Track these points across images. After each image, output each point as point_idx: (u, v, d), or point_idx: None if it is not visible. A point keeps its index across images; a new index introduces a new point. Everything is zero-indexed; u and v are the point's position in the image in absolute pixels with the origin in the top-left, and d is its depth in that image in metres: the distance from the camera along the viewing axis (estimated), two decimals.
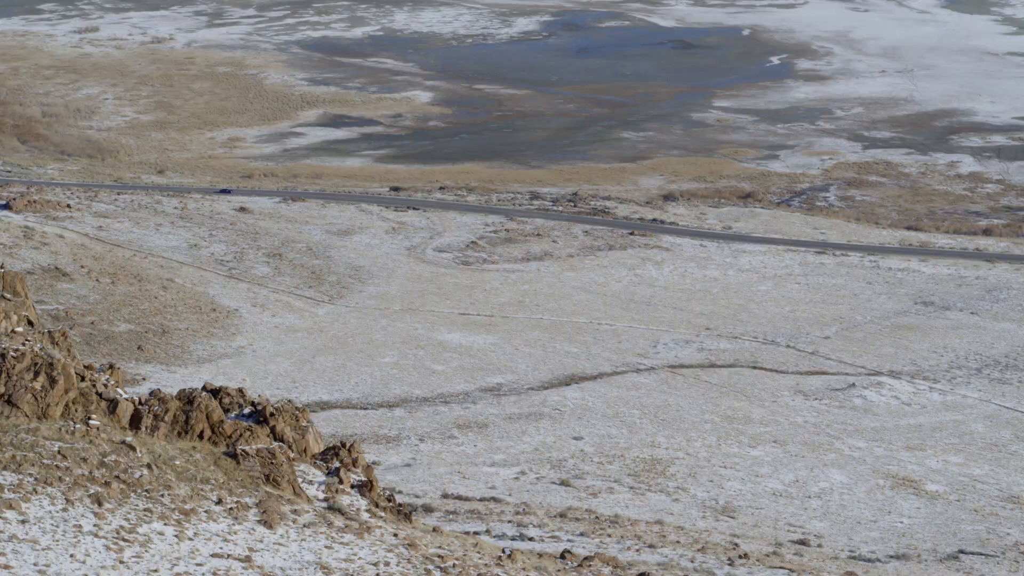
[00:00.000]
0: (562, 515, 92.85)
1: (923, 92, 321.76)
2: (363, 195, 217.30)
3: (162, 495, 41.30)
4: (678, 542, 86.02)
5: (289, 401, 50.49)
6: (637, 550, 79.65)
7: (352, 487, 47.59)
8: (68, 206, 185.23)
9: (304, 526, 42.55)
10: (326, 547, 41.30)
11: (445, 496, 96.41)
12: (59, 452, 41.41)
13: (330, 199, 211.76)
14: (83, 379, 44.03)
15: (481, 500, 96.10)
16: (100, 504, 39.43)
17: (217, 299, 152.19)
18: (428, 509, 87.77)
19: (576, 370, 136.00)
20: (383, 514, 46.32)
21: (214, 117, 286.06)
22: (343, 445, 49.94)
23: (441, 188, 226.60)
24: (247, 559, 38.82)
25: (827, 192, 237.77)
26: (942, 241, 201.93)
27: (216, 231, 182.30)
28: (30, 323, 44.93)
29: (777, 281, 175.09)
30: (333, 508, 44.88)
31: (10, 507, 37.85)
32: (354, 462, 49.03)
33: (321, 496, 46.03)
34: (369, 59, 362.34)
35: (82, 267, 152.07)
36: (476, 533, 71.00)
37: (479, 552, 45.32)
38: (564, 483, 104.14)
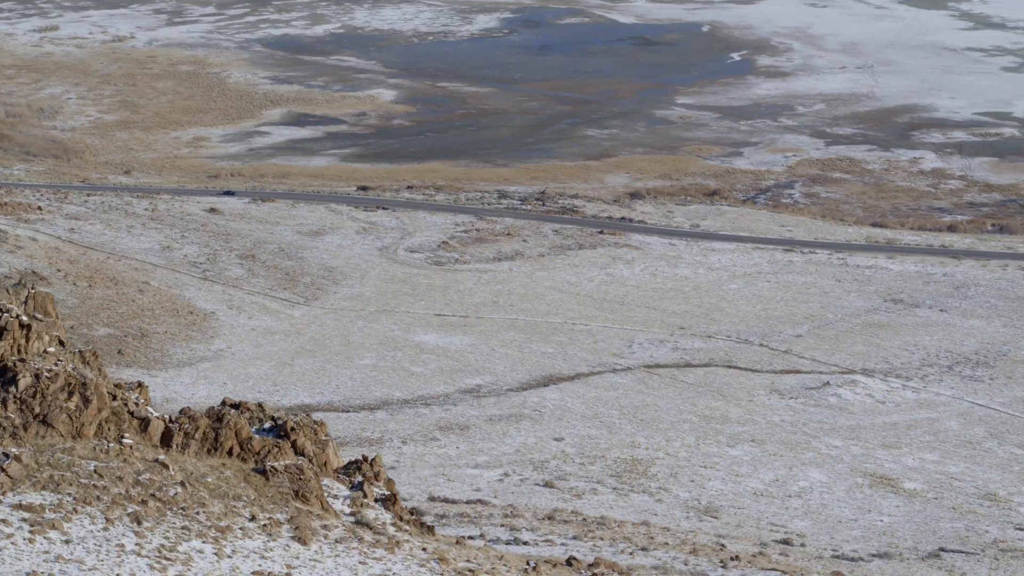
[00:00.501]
0: (550, 517, 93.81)
1: (883, 88, 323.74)
2: (332, 195, 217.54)
3: (197, 512, 42.06)
4: (666, 543, 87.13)
5: (307, 415, 51.23)
6: (630, 553, 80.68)
7: (376, 501, 48.42)
8: (39, 208, 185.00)
9: (336, 541, 43.36)
10: (360, 563, 42.13)
11: (432, 499, 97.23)
12: (95, 471, 42.13)
13: (299, 199, 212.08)
14: (114, 398, 44.71)
15: (468, 503, 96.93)
16: (139, 523, 40.21)
17: (193, 302, 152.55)
18: (417, 513, 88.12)
19: (553, 371, 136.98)
20: (408, 527, 47.17)
21: (178, 116, 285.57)
22: (365, 459, 50.75)
23: (409, 187, 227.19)
24: None
25: (792, 189, 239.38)
26: (908, 238, 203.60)
27: (188, 233, 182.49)
28: (61, 343, 45.60)
29: (747, 279, 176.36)
30: (361, 523, 45.69)
31: (53, 527, 38.60)
32: (376, 475, 49.83)
33: (347, 511, 46.84)
34: (331, 57, 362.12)
35: (59, 271, 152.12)
36: (471, 538, 71.94)
37: (506, 565, 46.21)
38: (548, 484, 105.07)
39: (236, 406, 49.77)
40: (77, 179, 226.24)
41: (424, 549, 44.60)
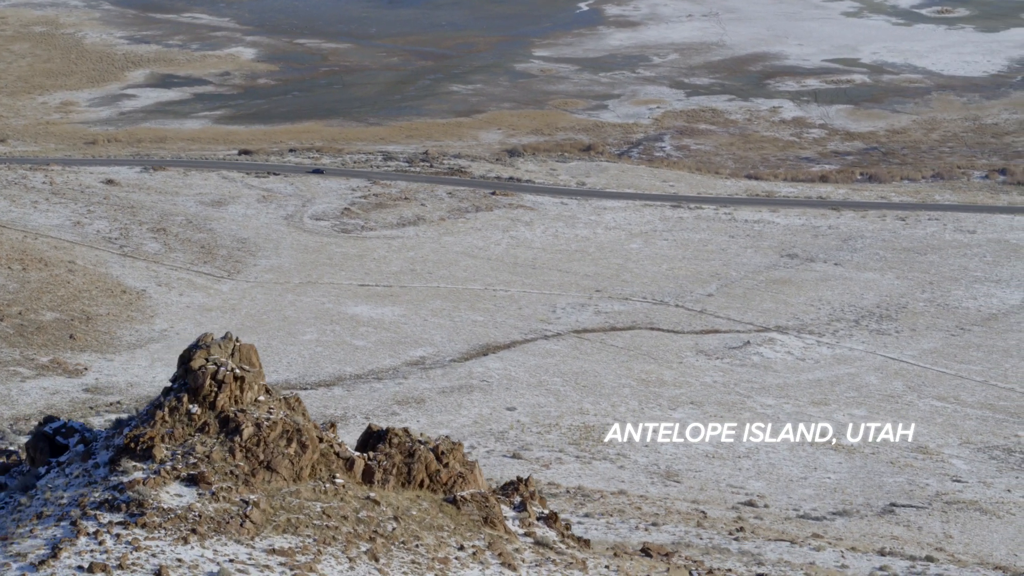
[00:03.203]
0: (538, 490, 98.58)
1: (732, 36, 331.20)
2: (222, 162, 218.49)
3: (416, 546, 46.35)
4: (656, 514, 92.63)
5: (446, 437, 55.19)
6: (645, 529, 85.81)
7: (538, 519, 52.88)
8: None
9: (537, 565, 47.85)
10: None
11: None
12: (323, 512, 46.23)
13: (190, 166, 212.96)
14: (321, 440, 48.60)
15: None
16: (376, 560, 44.53)
17: (122, 280, 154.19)
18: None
19: (489, 339, 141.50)
20: (573, 544, 51.78)
21: (40, 80, 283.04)
22: (519, 480, 55.13)
23: (292, 150, 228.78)
24: None
25: (662, 142, 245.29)
26: (785, 189, 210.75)
27: (93, 207, 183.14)
28: (267, 391, 49.30)
29: (645, 238, 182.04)
30: (540, 543, 50.16)
31: (311, 569, 42.61)
32: (531, 495, 54.25)
33: (521, 531, 51.21)
34: (183, 14, 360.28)
35: None
36: None
37: None
38: (515, 456, 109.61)
39: (383, 432, 53.52)
40: None
41: (607, 567, 49.32)
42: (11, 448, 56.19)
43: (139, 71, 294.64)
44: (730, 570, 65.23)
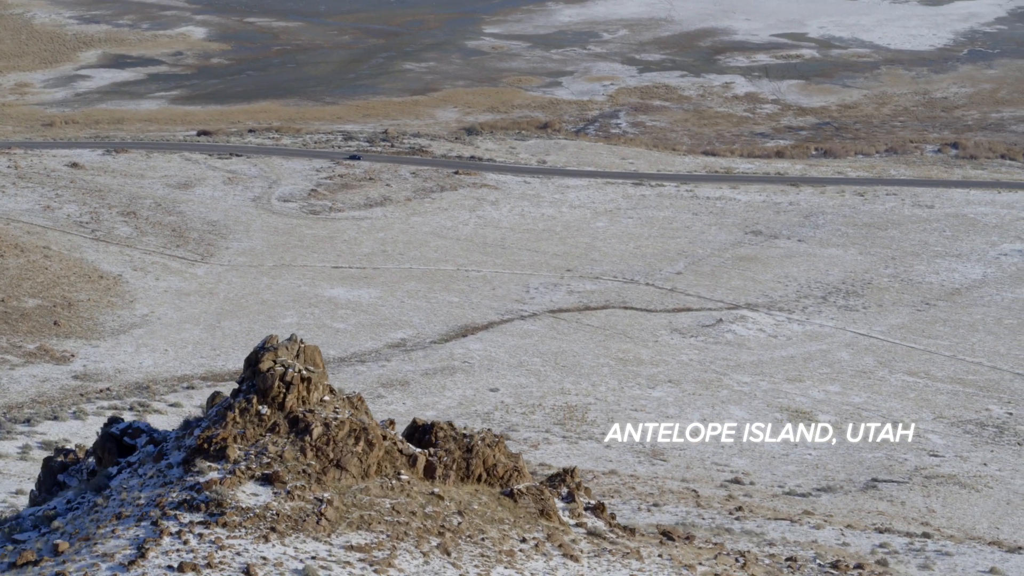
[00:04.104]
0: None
1: (679, 11, 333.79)
2: (183, 143, 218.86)
3: (482, 539, 48.16)
4: (651, 493, 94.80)
5: (488, 430, 57.01)
6: (648, 510, 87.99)
7: (585, 509, 54.82)
8: None
9: (595, 555, 49.75)
10: (634, 575, 48.60)
11: None
12: (393, 508, 47.94)
13: (152, 148, 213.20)
14: (384, 438, 50.32)
15: None
16: (448, 554, 46.33)
17: (97, 265, 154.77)
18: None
19: (466, 320, 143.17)
20: (621, 532, 53.78)
21: None
22: (565, 471, 57.05)
23: (251, 131, 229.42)
24: None
25: (618, 119, 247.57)
26: (743, 166, 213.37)
27: (60, 190, 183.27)
28: (331, 391, 50.98)
29: (611, 217, 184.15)
30: (592, 533, 52.11)
31: (389, 565, 44.39)
32: (578, 486, 56.20)
33: (572, 522, 53.13)
34: None
35: None
36: None
37: (724, 564, 53.12)
38: (504, 437, 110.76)
39: (429, 427, 55.24)
40: None
41: (660, 555, 51.34)
42: (69, 447, 57.47)
43: (91, 51, 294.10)
44: (748, 551, 67.34)
